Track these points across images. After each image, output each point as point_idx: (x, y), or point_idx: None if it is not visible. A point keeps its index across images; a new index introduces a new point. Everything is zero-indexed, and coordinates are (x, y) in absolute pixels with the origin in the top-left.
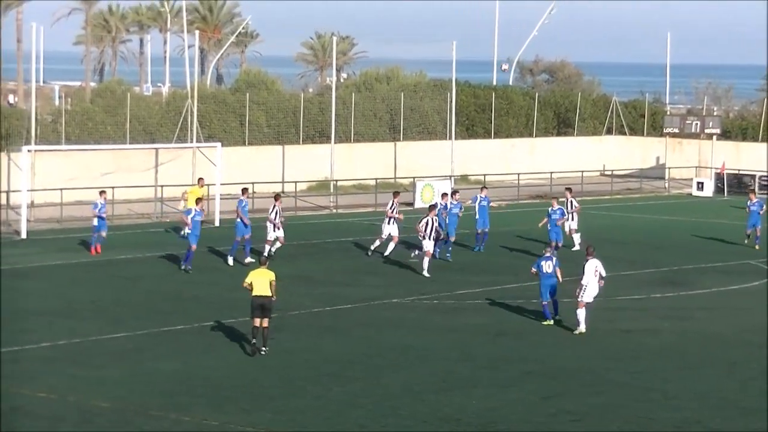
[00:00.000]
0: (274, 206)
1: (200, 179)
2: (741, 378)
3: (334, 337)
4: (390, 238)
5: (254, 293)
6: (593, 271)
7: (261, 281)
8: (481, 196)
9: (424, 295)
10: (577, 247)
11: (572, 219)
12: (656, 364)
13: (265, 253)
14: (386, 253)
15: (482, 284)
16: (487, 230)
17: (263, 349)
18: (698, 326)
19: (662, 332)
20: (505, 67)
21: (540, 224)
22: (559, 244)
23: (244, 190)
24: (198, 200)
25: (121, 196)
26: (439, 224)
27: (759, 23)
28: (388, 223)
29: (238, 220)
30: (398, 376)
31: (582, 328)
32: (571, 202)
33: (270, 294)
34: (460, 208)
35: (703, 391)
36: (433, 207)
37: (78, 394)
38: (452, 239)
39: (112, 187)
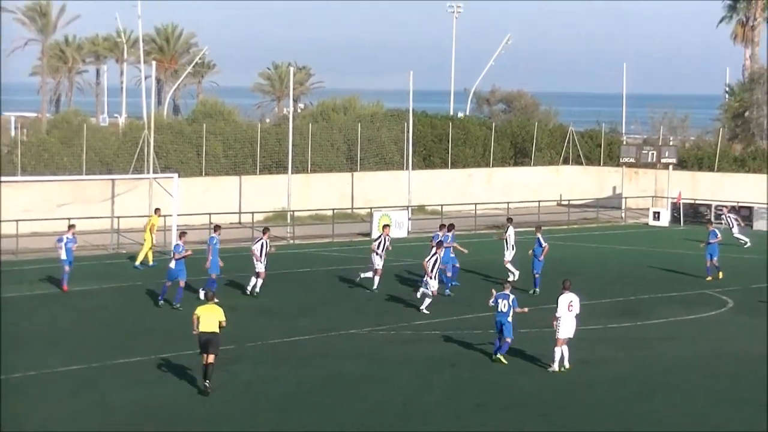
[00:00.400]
0: (261, 240)
1: (157, 209)
2: (698, 407)
3: (291, 368)
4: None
5: (201, 329)
6: (566, 305)
7: (208, 317)
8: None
9: (381, 325)
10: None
11: (511, 249)
12: (612, 395)
13: (249, 288)
14: (374, 287)
15: (439, 315)
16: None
17: (206, 383)
18: (654, 356)
19: (618, 362)
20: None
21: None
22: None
23: (217, 228)
24: (181, 235)
25: (78, 228)
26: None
27: (714, 54)
28: (379, 257)
29: (211, 257)
30: (355, 406)
31: (555, 366)
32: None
33: (217, 330)
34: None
35: (659, 421)
36: (440, 244)
37: (32, 427)
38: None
39: (69, 218)
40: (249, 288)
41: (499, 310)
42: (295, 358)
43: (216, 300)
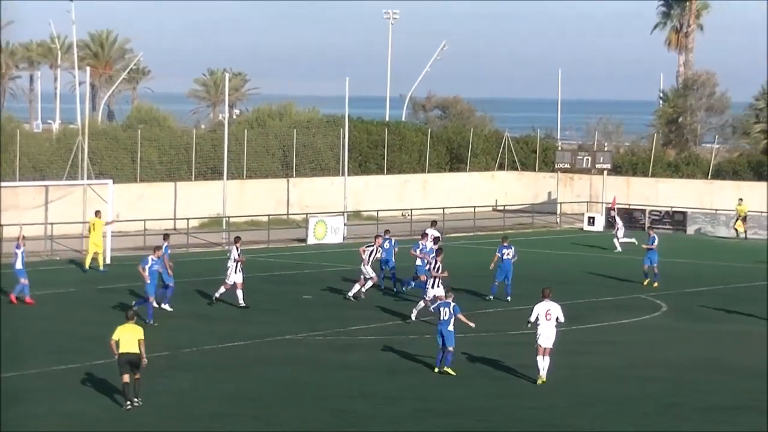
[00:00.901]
0: (237, 248)
1: (97, 211)
2: (634, 412)
3: (227, 375)
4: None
5: (121, 350)
6: (544, 312)
7: (128, 337)
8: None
9: (317, 331)
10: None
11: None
12: (551, 400)
13: (216, 295)
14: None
15: (376, 320)
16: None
17: (136, 400)
18: (591, 361)
19: (556, 367)
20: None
21: (491, 265)
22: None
23: (166, 236)
24: (156, 249)
25: (11, 234)
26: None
27: (649, 60)
28: (368, 264)
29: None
30: (292, 413)
31: (543, 375)
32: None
33: (138, 351)
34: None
35: (597, 426)
36: (440, 250)
37: None
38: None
39: (1, 225)
40: (215, 296)
41: (441, 318)
42: (231, 364)
43: (135, 319)
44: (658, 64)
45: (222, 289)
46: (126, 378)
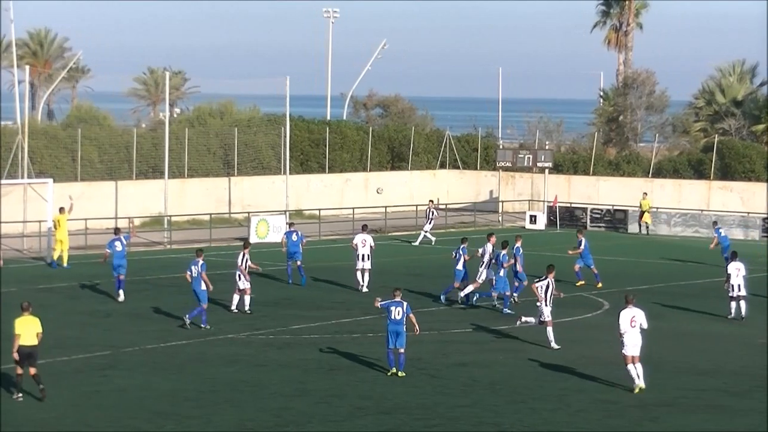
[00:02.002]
0: (243, 254)
1: (61, 208)
2: (572, 410)
3: (167, 374)
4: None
5: (21, 343)
6: (629, 320)
7: (27, 330)
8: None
9: (259, 330)
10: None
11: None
12: (489, 398)
13: (233, 307)
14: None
15: (317, 319)
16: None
17: (41, 386)
18: (532, 359)
19: (495, 365)
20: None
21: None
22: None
23: (117, 230)
24: (198, 252)
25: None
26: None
27: (588, 58)
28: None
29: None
30: (232, 412)
31: (640, 383)
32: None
33: (36, 343)
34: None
35: (534, 424)
36: (552, 267)
37: None
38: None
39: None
40: (234, 306)
41: (393, 318)
42: (171, 364)
43: (31, 310)
44: (598, 62)
45: (236, 298)
46: (32, 371)
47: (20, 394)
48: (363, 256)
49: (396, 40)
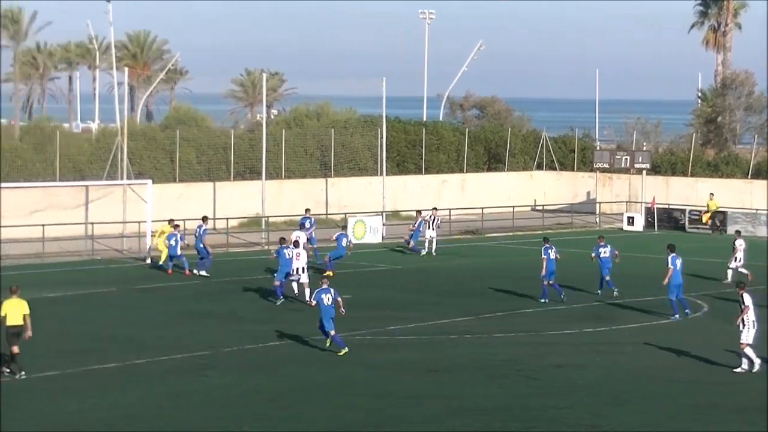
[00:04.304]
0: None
1: (170, 220)
2: (670, 413)
3: (261, 374)
4: None
5: (8, 323)
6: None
7: (14, 311)
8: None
9: (355, 331)
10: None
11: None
12: (586, 399)
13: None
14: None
15: (414, 320)
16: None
17: (21, 373)
18: (629, 360)
19: (592, 367)
20: None
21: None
22: (607, 278)
23: (282, 240)
24: (282, 240)
25: (51, 234)
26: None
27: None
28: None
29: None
30: (325, 413)
31: (754, 366)
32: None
33: (22, 323)
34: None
35: (632, 426)
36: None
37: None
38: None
39: (42, 225)
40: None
41: (326, 304)
42: (268, 364)
43: (19, 293)
44: (697, 63)
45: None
46: (15, 349)
47: (8, 370)
48: (298, 269)
49: (492, 41)
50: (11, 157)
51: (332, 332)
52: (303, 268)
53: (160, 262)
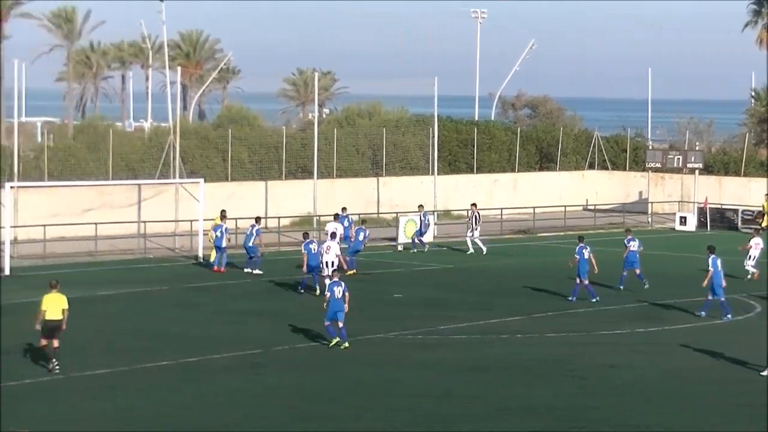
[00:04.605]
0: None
1: (223, 210)
2: (722, 414)
3: (315, 373)
4: None
5: (48, 317)
6: None
7: (54, 306)
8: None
9: (407, 330)
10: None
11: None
12: (636, 400)
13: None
14: None
15: (465, 320)
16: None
17: (56, 365)
18: (679, 361)
19: (643, 367)
20: None
21: (624, 254)
22: (637, 271)
23: (306, 234)
24: (306, 234)
25: (104, 232)
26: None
27: (740, 58)
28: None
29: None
30: (379, 413)
31: None
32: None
33: (61, 318)
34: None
35: (682, 427)
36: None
37: (54, 430)
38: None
39: (95, 223)
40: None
41: (336, 297)
42: (320, 363)
43: (59, 288)
44: (750, 62)
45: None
46: (55, 343)
47: (56, 364)
48: (328, 263)
49: (544, 40)
50: (65, 156)
51: (340, 324)
52: (333, 263)
53: (211, 260)
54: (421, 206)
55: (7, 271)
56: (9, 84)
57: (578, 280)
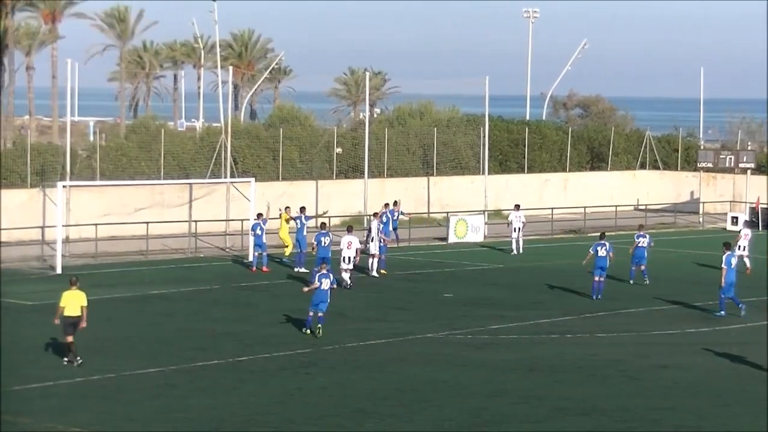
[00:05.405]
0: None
1: (287, 207)
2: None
3: (366, 372)
4: None
5: (66, 313)
6: None
7: (73, 302)
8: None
9: (457, 330)
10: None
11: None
12: (690, 400)
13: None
14: None
15: (515, 319)
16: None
17: (78, 360)
18: (733, 361)
19: (695, 368)
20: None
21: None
22: (642, 267)
23: (323, 225)
24: (322, 226)
25: (155, 232)
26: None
27: None
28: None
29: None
30: (430, 412)
31: None
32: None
33: (80, 314)
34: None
35: (736, 427)
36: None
37: (109, 429)
38: None
39: (147, 223)
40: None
41: (321, 288)
42: (371, 362)
43: (78, 285)
44: None
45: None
46: (70, 339)
47: (78, 358)
48: (347, 258)
49: (596, 39)
50: (117, 155)
51: (321, 314)
52: (351, 258)
53: (285, 257)
54: (396, 202)
55: (59, 270)
56: (62, 83)
57: (596, 278)
